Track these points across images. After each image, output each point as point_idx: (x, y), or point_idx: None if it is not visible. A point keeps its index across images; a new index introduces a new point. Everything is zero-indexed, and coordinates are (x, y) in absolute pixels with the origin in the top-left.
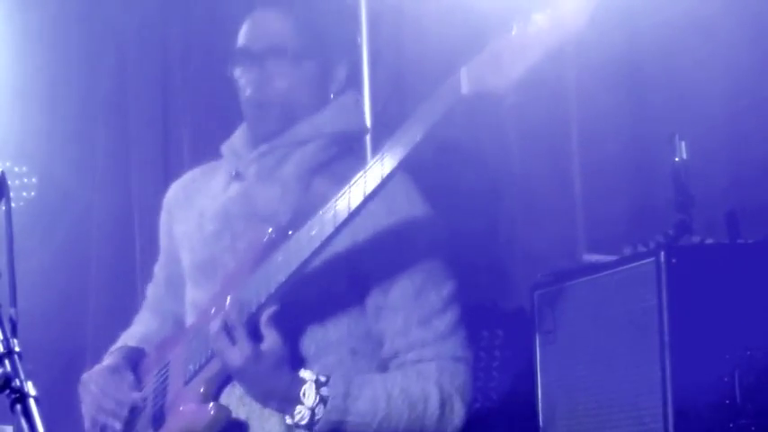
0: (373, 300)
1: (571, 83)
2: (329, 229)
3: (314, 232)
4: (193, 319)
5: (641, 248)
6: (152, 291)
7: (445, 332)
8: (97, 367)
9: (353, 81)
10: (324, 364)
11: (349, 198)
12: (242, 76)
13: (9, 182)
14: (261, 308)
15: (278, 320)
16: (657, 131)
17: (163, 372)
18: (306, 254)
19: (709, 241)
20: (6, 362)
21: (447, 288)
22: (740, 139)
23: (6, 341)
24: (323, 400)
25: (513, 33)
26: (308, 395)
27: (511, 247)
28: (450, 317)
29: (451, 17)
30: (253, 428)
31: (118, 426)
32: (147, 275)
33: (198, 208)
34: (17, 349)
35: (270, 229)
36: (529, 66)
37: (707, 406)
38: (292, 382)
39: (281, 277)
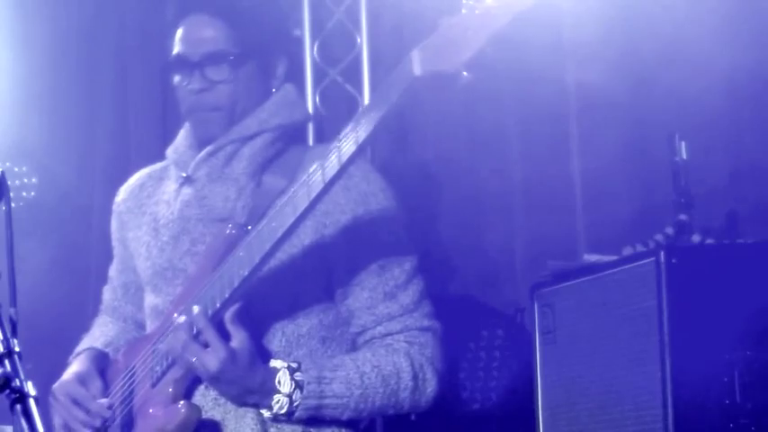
0: (339, 280)
1: (571, 83)
2: (290, 220)
3: (274, 224)
4: (156, 324)
5: (641, 248)
6: (109, 295)
7: (410, 305)
8: (66, 377)
9: (292, 74)
10: (295, 357)
11: (309, 187)
12: (182, 84)
13: (9, 182)
14: (225, 304)
15: (246, 318)
16: (657, 131)
17: (128, 378)
18: (267, 246)
19: (709, 241)
20: (6, 362)
21: (409, 262)
22: (740, 139)
23: (6, 341)
24: (299, 386)
25: (463, 12)
26: (284, 382)
27: (511, 247)
28: (414, 290)
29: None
30: (228, 428)
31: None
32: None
33: (150, 214)
34: (17, 349)
35: (230, 226)
36: (479, 46)
37: (707, 406)
38: (266, 374)
39: (244, 271)
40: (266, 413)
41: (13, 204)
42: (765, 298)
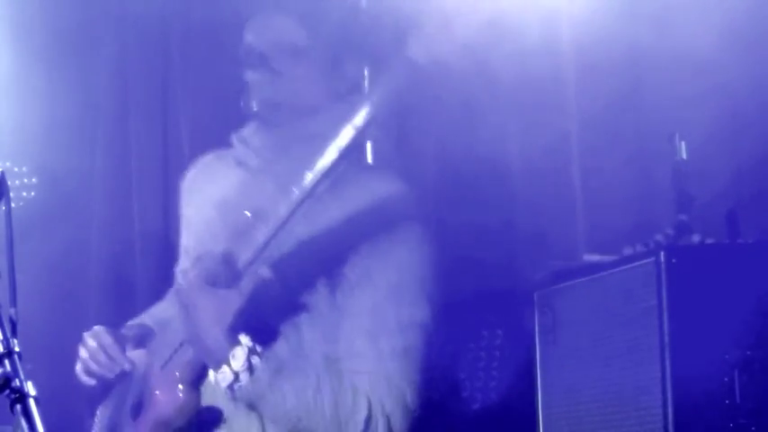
0: (336, 299)
1: (571, 83)
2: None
3: (296, 189)
4: None
5: (641, 248)
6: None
7: (389, 355)
8: (102, 327)
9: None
10: (298, 367)
11: (324, 157)
12: (250, 77)
13: (9, 182)
14: (249, 264)
15: (252, 318)
16: (657, 131)
17: (147, 359)
18: (293, 205)
19: (709, 241)
20: (6, 362)
21: (410, 312)
22: (740, 139)
23: (6, 341)
24: (251, 368)
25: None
26: (237, 358)
27: (511, 247)
28: (399, 341)
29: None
30: (237, 425)
31: (110, 376)
32: (147, 275)
33: (206, 194)
34: (17, 349)
35: (247, 213)
36: (469, 33)
37: (707, 406)
38: (224, 339)
39: (270, 228)
40: (212, 377)
41: (13, 204)
42: (765, 298)
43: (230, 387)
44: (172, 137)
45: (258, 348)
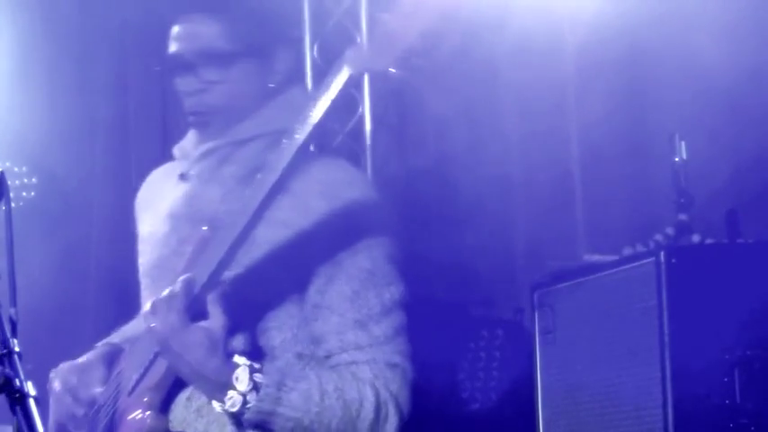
0: (311, 298)
1: (571, 83)
2: (263, 192)
3: (247, 199)
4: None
5: (641, 248)
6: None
7: (381, 338)
8: (67, 364)
9: (300, 74)
10: (298, 373)
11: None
12: (179, 86)
13: (9, 182)
14: (205, 287)
15: (229, 309)
16: (657, 131)
17: (116, 380)
18: (244, 220)
19: (708, 241)
20: (6, 362)
21: (390, 292)
22: (740, 139)
23: (6, 341)
24: (256, 387)
25: (394, 13)
26: (241, 380)
27: (511, 247)
28: (388, 323)
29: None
30: None
31: (80, 417)
32: None
33: (153, 210)
34: (17, 349)
35: (204, 228)
36: (405, 45)
37: (707, 406)
38: (224, 366)
39: (222, 250)
40: (218, 407)
41: (13, 204)
42: (765, 298)
43: (240, 412)
44: (172, 137)
45: (257, 365)
